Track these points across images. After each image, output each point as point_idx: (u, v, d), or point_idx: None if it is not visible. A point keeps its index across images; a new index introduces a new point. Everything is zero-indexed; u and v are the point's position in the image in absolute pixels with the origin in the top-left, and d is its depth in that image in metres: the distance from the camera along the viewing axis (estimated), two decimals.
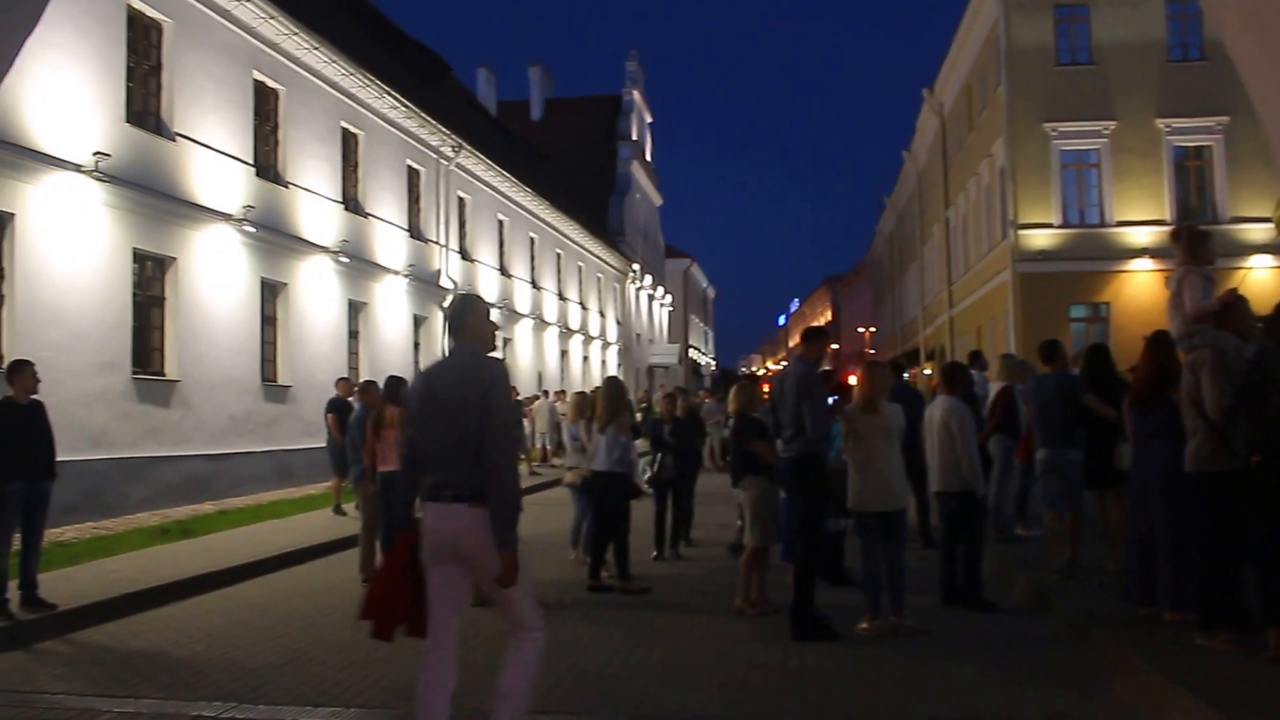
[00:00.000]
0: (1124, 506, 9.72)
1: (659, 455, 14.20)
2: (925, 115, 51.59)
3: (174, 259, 19.29)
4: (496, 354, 5.55)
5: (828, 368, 11.49)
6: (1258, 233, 32.60)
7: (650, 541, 13.97)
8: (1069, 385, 11.17)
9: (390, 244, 28.64)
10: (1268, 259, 31.92)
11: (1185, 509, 8.24)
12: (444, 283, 31.96)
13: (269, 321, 22.93)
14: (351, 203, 26.71)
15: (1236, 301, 8.32)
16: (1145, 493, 8.82)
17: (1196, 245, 8.74)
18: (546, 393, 35.40)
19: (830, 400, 9.93)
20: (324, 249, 24.64)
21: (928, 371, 21.33)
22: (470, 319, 5.45)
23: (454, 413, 5.16)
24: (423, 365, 28.31)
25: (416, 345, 30.39)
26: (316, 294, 24.51)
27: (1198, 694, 6.56)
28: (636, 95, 67.92)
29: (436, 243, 31.91)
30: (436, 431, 5.23)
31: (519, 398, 31.04)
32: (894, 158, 63.06)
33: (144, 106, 18.98)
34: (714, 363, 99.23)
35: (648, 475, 14.30)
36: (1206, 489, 7.75)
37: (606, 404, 11.98)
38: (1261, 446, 7.12)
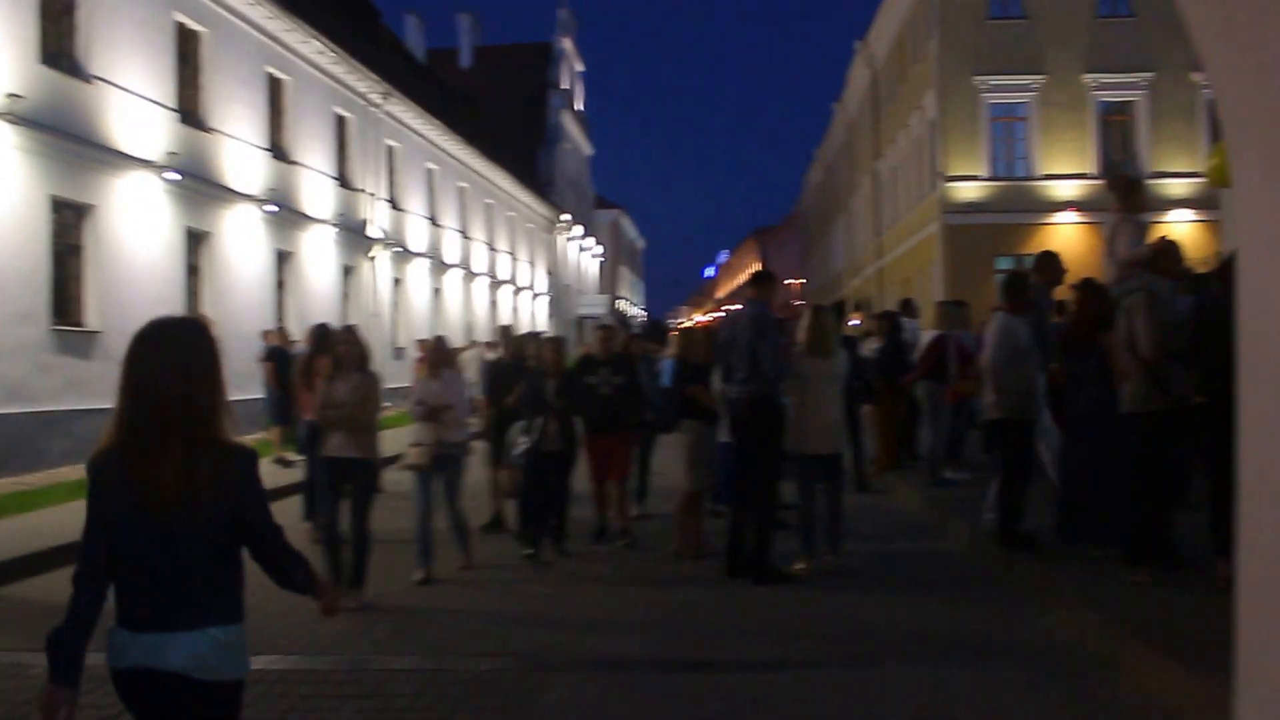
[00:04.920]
0: None
1: (538, 420, 10.62)
2: (857, 67, 51.72)
3: (93, 206, 18.75)
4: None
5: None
6: (1179, 187, 33.15)
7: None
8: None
9: (318, 193, 28.19)
10: (1188, 213, 32.45)
11: (1116, 448, 8.38)
12: (372, 232, 31.58)
13: (193, 271, 22.42)
14: (278, 150, 26.19)
15: (1168, 247, 8.47)
16: (1077, 433, 8.98)
17: (1131, 194, 8.87)
18: (474, 342, 35.20)
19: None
20: (250, 197, 24.16)
21: (854, 321, 21.43)
22: None
23: None
24: (351, 316, 27.98)
25: (345, 295, 30.03)
26: (242, 243, 24.04)
27: (1120, 623, 6.82)
28: (567, 44, 67.37)
29: (365, 191, 31.49)
30: None
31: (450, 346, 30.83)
32: (824, 110, 63.28)
33: (58, 47, 18.33)
34: (644, 313, 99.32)
35: (521, 447, 10.71)
36: (1138, 429, 7.92)
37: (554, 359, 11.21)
38: (1204, 388, 7.26)
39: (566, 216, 62.13)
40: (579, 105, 72.38)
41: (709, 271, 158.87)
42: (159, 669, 3.17)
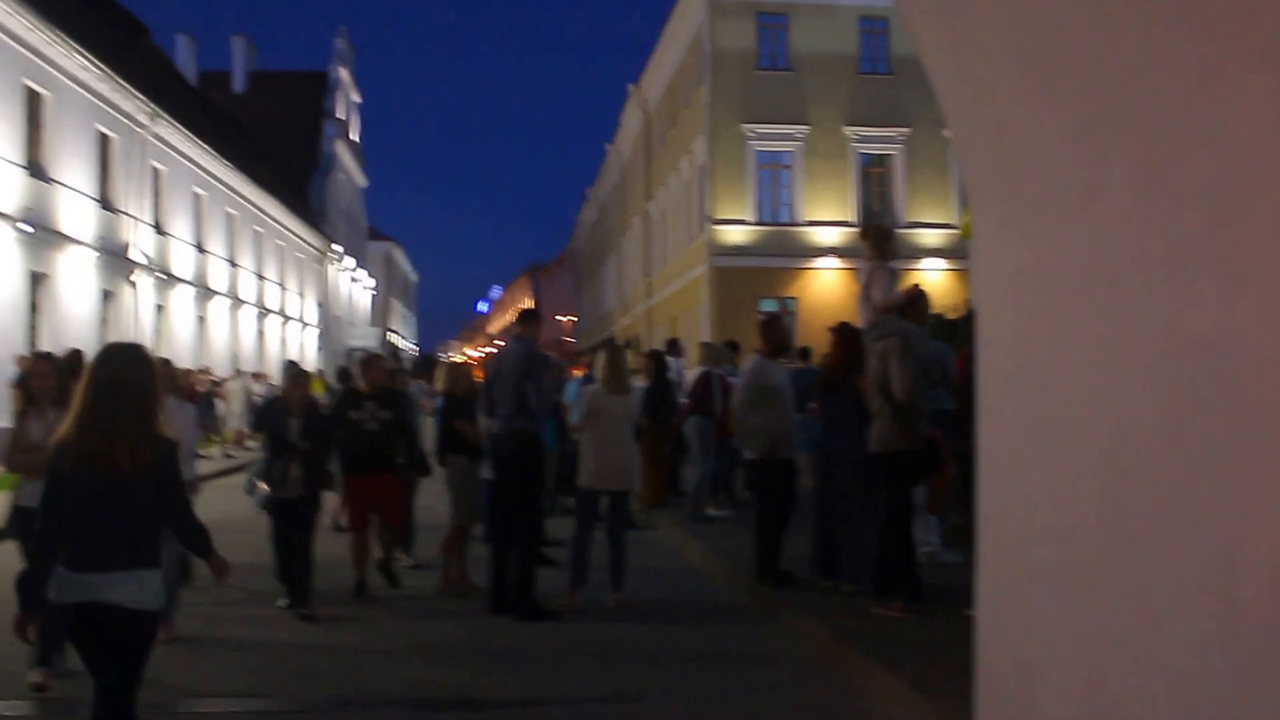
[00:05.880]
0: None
1: (279, 461, 9.46)
2: (630, 110, 52.54)
3: None
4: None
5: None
6: (932, 237, 35.09)
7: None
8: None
9: (78, 213, 26.96)
10: (941, 262, 34.28)
11: (866, 486, 8.82)
12: (135, 256, 30.39)
13: None
14: (35, 167, 24.98)
15: (919, 295, 9.03)
16: (830, 471, 9.40)
17: (884, 242, 9.36)
18: (239, 372, 34.22)
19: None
20: (2, 215, 23.03)
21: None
22: None
23: None
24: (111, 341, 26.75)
25: (104, 321, 28.78)
26: None
27: (870, 655, 7.13)
28: (344, 74, 66.25)
29: (128, 214, 30.28)
30: None
31: (213, 378, 29.93)
32: (599, 150, 63.98)
33: None
34: (415, 347, 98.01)
35: (260, 494, 9.57)
36: (887, 467, 8.37)
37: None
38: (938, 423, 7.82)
39: (338, 247, 60.96)
40: (354, 136, 71.19)
41: (482, 306, 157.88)
42: (104, 602, 4.35)
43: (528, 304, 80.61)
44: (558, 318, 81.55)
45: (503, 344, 13.42)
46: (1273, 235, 3.30)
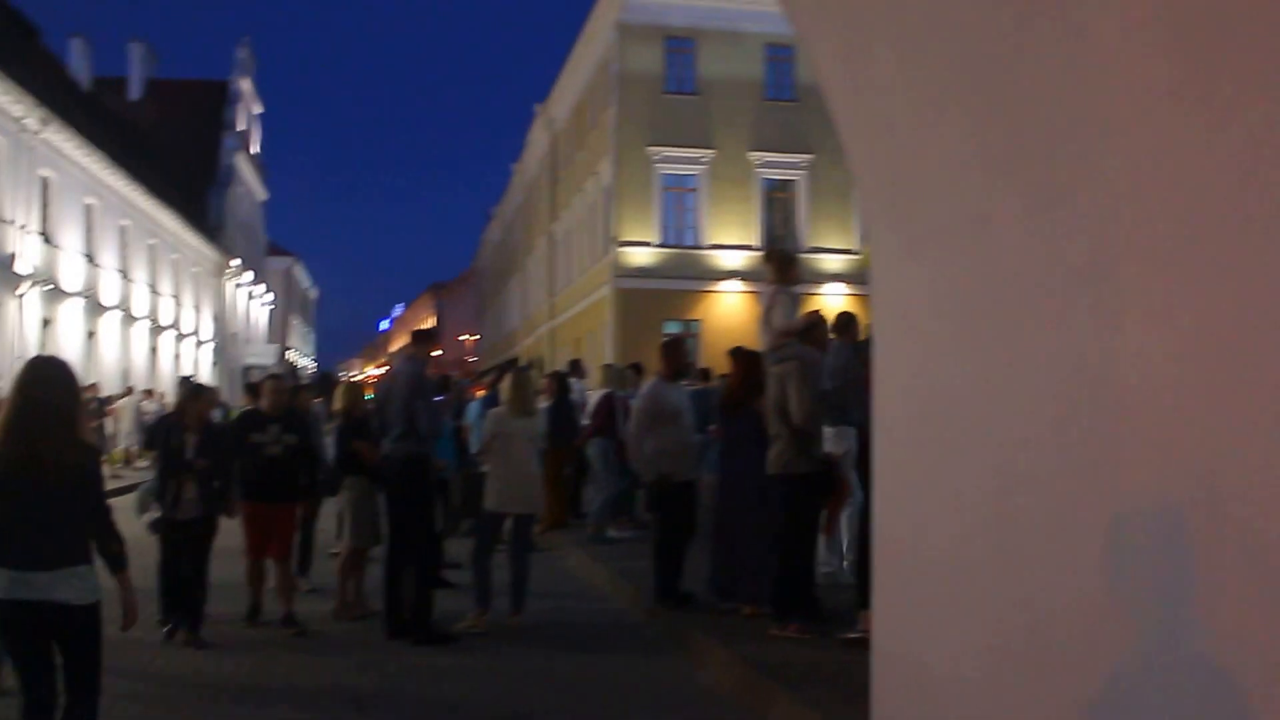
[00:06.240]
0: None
1: (172, 481, 8.94)
2: (536, 130, 52.53)
3: None
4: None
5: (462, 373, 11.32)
6: (834, 262, 35.50)
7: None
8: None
9: None
10: (843, 287, 34.68)
11: (765, 509, 8.85)
12: (21, 268, 29.51)
13: None
14: None
15: (819, 320, 9.12)
16: (729, 493, 9.43)
17: (786, 267, 9.41)
18: (130, 389, 33.39)
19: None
20: None
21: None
22: None
23: None
24: None
25: None
26: None
27: (768, 676, 7.16)
28: (246, 84, 65.20)
29: (14, 224, 29.41)
30: None
31: (99, 396, 29.04)
32: (505, 169, 63.92)
33: None
34: (315, 364, 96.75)
35: (151, 514, 9.26)
36: (785, 490, 8.40)
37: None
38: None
39: (236, 262, 59.91)
40: (255, 148, 70.13)
41: (384, 324, 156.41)
42: (49, 600, 4.67)
43: (429, 323, 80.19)
44: (460, 337, 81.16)
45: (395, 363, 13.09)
46: (1152, 267, 3.45)
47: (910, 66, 4.63)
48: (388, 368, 45.98)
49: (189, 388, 9.98)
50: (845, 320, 9.11)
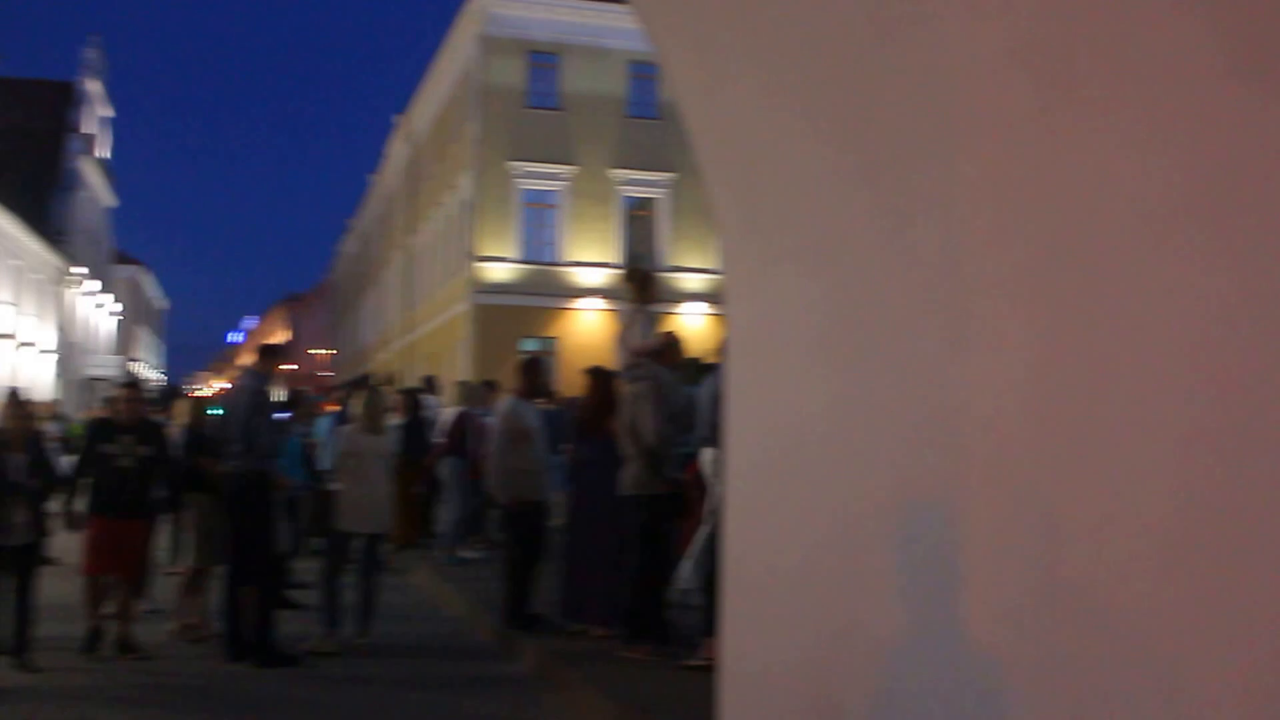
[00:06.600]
0: None
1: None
2: (395, 142, 51.98)
3: None
4: None
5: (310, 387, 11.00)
6: (695, 281, 35.68)
7: None
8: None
9: None
10: (703, 306, 34.93)
11: (617, 530, 8.78)
12: None
13: None
14: None
15: (673, 340, 9.11)
16: (581, 514, 9.34)
17: (645, 286, 9.40)
18: None
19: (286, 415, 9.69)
20: None
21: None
22: None
23: None
24: None
25: None
26: None
27: (615, 698, 7.11)
28: (95, 86, 63.06)
29: None
30: None
31: None
32: (363, 180, 63.13)
33: None
34: (164, 377, 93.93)
35: None
36: (638, 511, 8.35)
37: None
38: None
39: (80, 270, 57.91)
40: (104, 152, 67.87)
41: (233, 337, 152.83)
42: None
43: (280, 337, 78.60)
44: (315, 351, 79.75)
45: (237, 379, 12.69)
46: (1000, 294, 3.47)
47: (767, 85, 4.64)
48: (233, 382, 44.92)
49: (10, 402, 9.31)
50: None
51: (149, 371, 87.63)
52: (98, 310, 67.94)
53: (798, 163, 4.62)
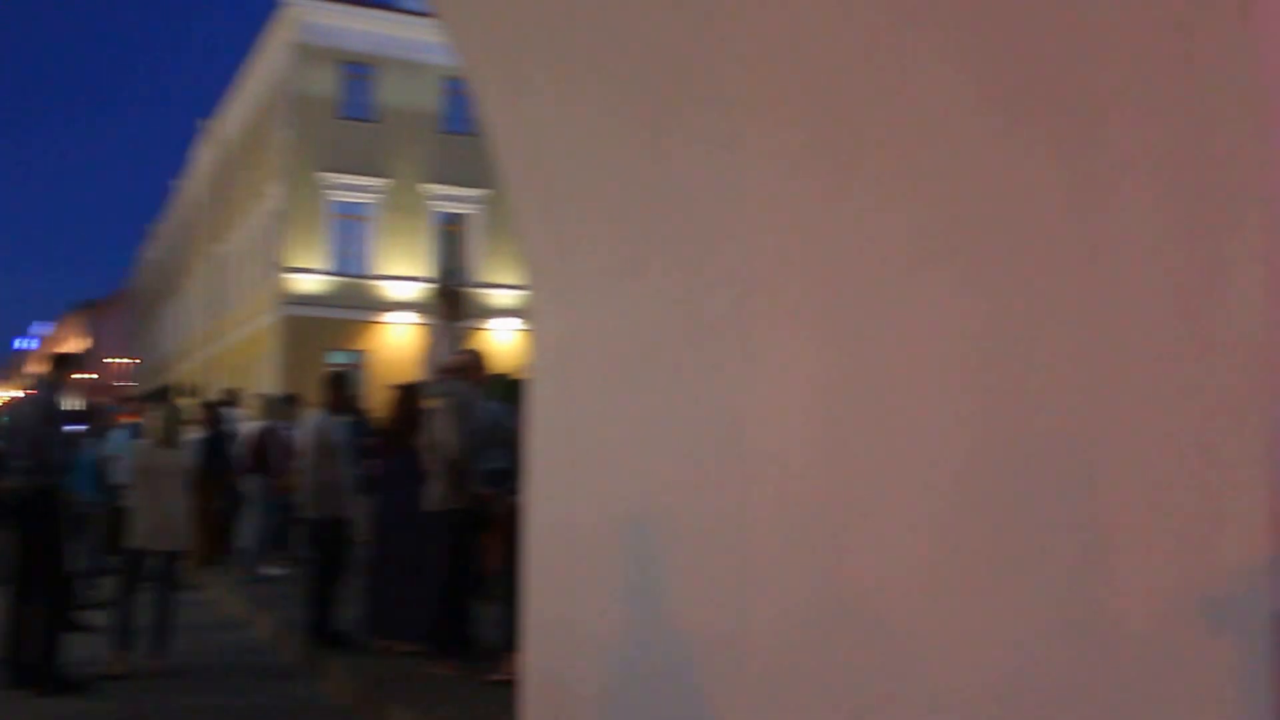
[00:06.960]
0: None
1: None
2: (202, 147, 50.55)
3: None
4: None
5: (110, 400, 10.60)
6: (507, 297, 35.65)
7: None
8: None
9: None
10: (515, 321, 34.94)
11: (421, 545, 8.79)
12: None
13: None
14: None
15: (474, 357, 9.17)
16: (385, 530, 9.33)
17: (453, 303, 9.48)
18: None
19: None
20: None
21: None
22: None
23: None
24: None
25: None
26: None
27: (423, 714, 7.06)
28: None
29: None
30: None
31: None
32: (165, 185, 61.18)
33: None
34: None
35: None
36: (442, 526, 8.39)
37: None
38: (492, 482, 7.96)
39: None
40: None
41: (21, 343, 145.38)
42: None
43: (76, 345, 75.39)
44: (114, 360, 76.74)
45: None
46: (784, 325, 3.65)
47: (569, 107, 4.73)
48: (21, 393, 42.91)
49: None
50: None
51: None
52: None
53: (597, 186, 4.70)
